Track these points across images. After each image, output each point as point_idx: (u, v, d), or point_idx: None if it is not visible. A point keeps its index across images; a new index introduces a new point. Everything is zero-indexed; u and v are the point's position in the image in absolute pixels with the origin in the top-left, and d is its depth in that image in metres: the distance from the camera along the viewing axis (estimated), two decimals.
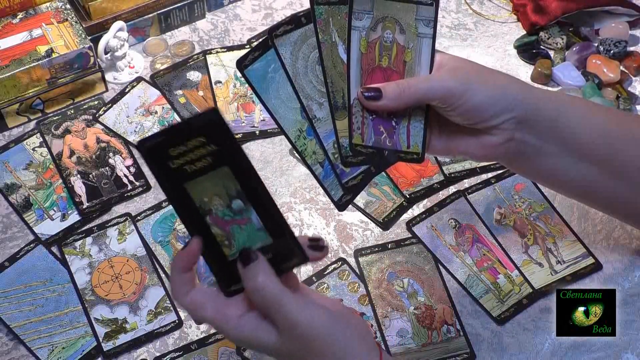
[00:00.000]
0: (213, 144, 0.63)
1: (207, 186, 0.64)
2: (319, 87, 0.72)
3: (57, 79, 1.04)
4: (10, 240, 0.94)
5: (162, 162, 0.63)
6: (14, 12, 1.07)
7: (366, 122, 0.73)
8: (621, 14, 1.14)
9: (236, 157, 0.64)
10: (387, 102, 0.72)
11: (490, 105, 0.72)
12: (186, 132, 0.62)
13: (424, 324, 0.87)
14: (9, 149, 1.02)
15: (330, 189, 0.74)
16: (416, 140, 0.74)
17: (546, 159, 0.77)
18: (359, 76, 0.73)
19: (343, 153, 0.73)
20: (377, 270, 0.91)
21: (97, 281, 0.90)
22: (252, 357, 0.84)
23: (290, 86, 0.72)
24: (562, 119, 0.76)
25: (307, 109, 0.72)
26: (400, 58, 0.73)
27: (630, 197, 0.80)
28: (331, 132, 0.73)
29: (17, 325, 0.87)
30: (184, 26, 1.17)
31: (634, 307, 0.87)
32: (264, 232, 0.66)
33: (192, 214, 0.65)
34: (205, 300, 0.67)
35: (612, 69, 1.07)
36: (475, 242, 0.93)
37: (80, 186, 0.98)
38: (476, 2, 1.21)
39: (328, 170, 0.73)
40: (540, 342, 0.86)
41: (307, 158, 0.73)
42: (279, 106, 0.71)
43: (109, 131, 1.04)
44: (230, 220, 0.65)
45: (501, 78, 0.75)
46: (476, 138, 0.75)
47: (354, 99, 0.73)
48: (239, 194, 0.65)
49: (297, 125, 0.72)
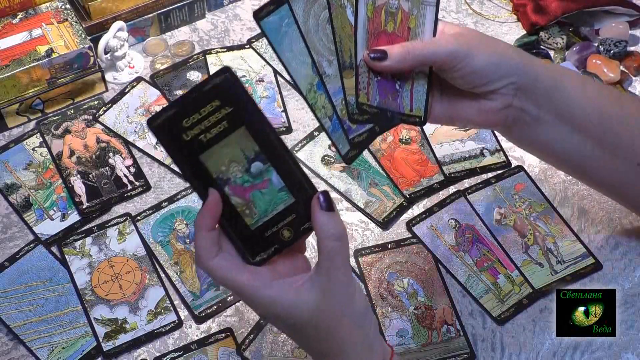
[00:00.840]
0: (227, 105, 0.62)
1: (223, 153, 0.63)
2: (328, 45, 0.74)
3: (57, 79, 1.04)
4: (10, 240, 0.94)
5: (175, 136, 0.61)
6: (14, 12, 1.07)
7: (371, 82, 0.75)
8: (621, 14, 1.14)
9: (252, 115, 0.62)
10: (391, 62, 0.73)
11: (491, 69, 0.74)
12: (199, 99, 0.61)
13: (424, 324, 0.87)
14: (9, 149, 1.02)
15: (338, 143, 0.75)
16: (419, 104, 0.76)
17: (542, 129, 0.79)
18: (366, 39, 0.74)
19: (350, 110, 0.75)
20: (377, 270, 0.91)
21: (97, 281, 0.90)
22: (252, 358, 0.84)
23: (302, 41, 0.72)
24: (559, 90, 0.78)
25: (318, 64, 0.73)
26: (405, 24, 0.75)
27: (624, 174, 0.81)
28: (339, 89, 0.74)
29: (17, 325, 0.87)
30: (184, 26, 1.17)
31: (634, 307, 0.87)
32: (285, 191, 0.65)
33: (210, 187, 0.63)
34: (235, 265, 0.65)
35: (612, 69, 1.07)
36: (475, 242, 0.93)
37: (80, 186, 0.98)
38: (476, 2, 1.21)
39: (336, 125, 0.75)
40: (540, 342, 0.86)
41: (316, 111, 0.74)
42: (292, 59, 0.72)
43: (109, 131, 1.04)
44: (250, 186, 0.64)
45: (502, 45, 0.77)
46: (476, 103, 0.77)
47: (360, 60, 0.74)
48: (257, 155, 0.63)
49: (308, 79, 0.73)
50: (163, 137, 0.61)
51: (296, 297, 0.64)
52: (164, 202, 0.97)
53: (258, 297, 0.64)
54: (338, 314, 0.65)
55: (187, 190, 0.98)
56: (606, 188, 0.87)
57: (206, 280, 0.90)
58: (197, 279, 0.90)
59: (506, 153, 1.02)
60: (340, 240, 0.64)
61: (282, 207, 0.65)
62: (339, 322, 0.65)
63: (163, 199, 0.97)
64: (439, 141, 1.02)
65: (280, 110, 1.06)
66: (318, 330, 0.65)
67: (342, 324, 0.66)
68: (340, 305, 0.65)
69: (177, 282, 0.90)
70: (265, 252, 0.65)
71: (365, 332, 0.68)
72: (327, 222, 0.64)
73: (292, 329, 0.67)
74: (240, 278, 0.64)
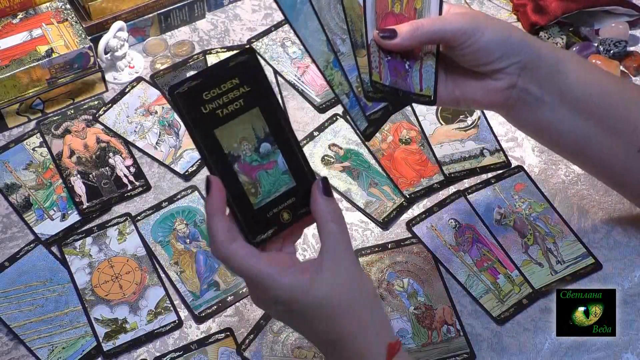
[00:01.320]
0: (246, 84, 0.63)
1: (237, 130, 0.64)
2: (341, 24, 0.75)
3: (57, 79, 1.04)
4: (10, 240, 0.94)
5: (194, 107, 0.62)
6: (14, 12, 1.07)
7: (382, 62, 0.76)
8: (621, 14, 1.14)
9: (267, 97, 0.64)
10: (400, 40, 0.74)
11: (496, 47, 0.75)
12: (221, 74, 0.63)
13: (424, 324, 0.87)
14: (9, 149, 1.02)
15: (357, 120, 0.77)
16: (428, 83, 0.77)
17: (544, 110, 0.79)
18: (374, 20, 0.75)
19: (365, 88, 0.76)
20: (377, 270, 0.91)
21: (97, 281, 0.90)
22: (252, 358, 0.84)
23: (316, 19, 0.74)
24: (562, 71, 0.79)
25: (332, 42, 0.74)
26: (411, 5, 0.76)
27: (623, 158, 0.82)
28: (354, 67, 0.75)
29: (17, 325, 0.87)
30: (184, 26, 1.17)
31: (634, 307, 0.87)
32: (288, 175, 0.67)
33: (221, 162, 0.64)
34: (252, 251, 0.65)
35: (612, 69, 1.07)
36: (475, 242, 0.93)
37: (80, 186, 0.98)
38: (476, 2, 1.21)
39: (353, 101, 0.76)
40: (540, 342, 0.86)
41: (334, 88, 0.75)
42: (308, 36, 0.74)
43: (109, 131, 1.04)
44: (257, 165, 0.65)
45: (507, 24, 0.79)
46: (481, 83, 0.78)
47: (371, 40, 0.75)
48: (266, 136, 0.65)
49: (324, 55, 0.75)
50: (183, 106, 0.63)
51: (311, 280, 0.65)
52: (164, 202, 0.97)
53: (276, 284, 0.65)
54: (349, 293, 0.67)
55: (187, 190, 0.98)
56: (605, 175, 0.87)
57: (206, 280, 0.90)
58: (197, 279, 0.90)
59: (506, 153, 1.02)
60: (339, 222, 0.67)
61: (283, 190, 0.67)
62: (351, 301, 0.67)
63: (163, 199, 0.97)
64: (438, 141, 1.02)
65: None
66: (332, 310, 0.66)
67: (355, 302, 0.67)
68: (350, 283, 0.67)
69: (177, 282, 0.90)
70: (265, 232, 0.66)
71: (377, 311, 0.69)
72: (327, 206, 0.67)
73: (304, 316, 0.67)
74: (258, 265, 0.65)
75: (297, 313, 0.67)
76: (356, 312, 0.67)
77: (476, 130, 1.03)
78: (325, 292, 0.65)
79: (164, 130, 1.04)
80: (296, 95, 1.08)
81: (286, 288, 0.65)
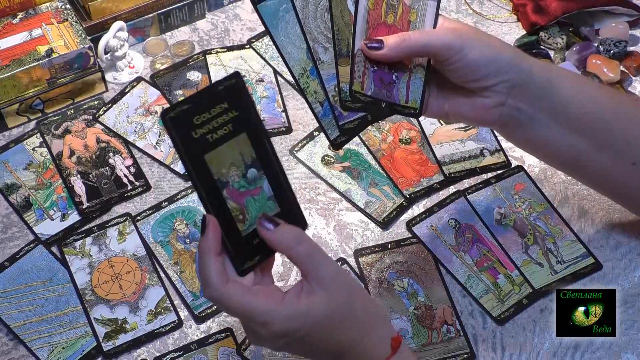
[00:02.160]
0: (234, 109, 0.63)
1: (226, 156, 0.64)
2: (326, 32, 0.75)
3: (57, 79, 1.04)
4: (10, 240, 0.94)
5: (186, 132, 0.62)
6: (14, 12, 1.07)
7: (367, 72, 0.76)
8: (621, 14, 1.14)
9: (254, 122, 0.64)
10: (387, 51, 0.74)
11: (485, 64, 0.75)
12: (211, 98, 0.62)
13: (424, 324, 0.87)
14: (9, 149, 1.02)
15: (327, 128, 0.77)
16: (415, 96, 0.77)
17: (537, 128, 0.79)
18: (365, 30, 0.75)
19: (342, 97, 0.76)
20: (377, 270, 0.91)
21: (97, 281, 0.90)
22: (252, 358, 0.84)
23: (299, 27, 0.74)
24: (554, 89, 0.78)
25: (313, 50, 0.75)
26: (405, 17, 0.75)
27: (619, 172, 0.82)
28: (333, 76, 0.75)
29: (17, 325, 0.87)
30: (184, 26, 1.17)
31: (634, 307, 0.87)
32: (273, 201, 0.66)
33: (211, 188, 0.64)
34: (247, 287, 0.65)
35: (612, 69, 1.07)
36: (475, 242, 0.93)
37: (80, 186, 0.98)
38: (476, 2, 1.21)
39: (327, 110, 0.76)
40: (540, 342, 0.86)
41: (308, 95, 0.76)
42: (286, 44, 0.74)
43: (109, 131, 1.04)
44: (245, 191, 0.65)
45: (497, 42, 0.78)
46: (469, 99, 0.78)
47: (358, 49, 0.75)
48: (253, 162, 0.65)
49: (302, 64, 0.75)
50: (175, 131, 0.62)
51: (307, 305, 0.64)
52: (164, 202, 0.97)
53: (275, 318, 0.64)
54: (345, 304, 0.66)
55: (187, 190, 0.98)
56: (603, 188, 0.87)
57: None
58: (197, 279, 0.90)
59: (506, 153, 1.02)
60: (302, 242, 0.65)
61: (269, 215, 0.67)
62: (349, 309, 0.66)
63: (163, 199, 0.97)
64: (439, 141, 1.02)
65: (280, 110, 1.06)
66: (333, 326, 0.66)
67: (352, 309, 0.67)
68: (342, 293, 0.66)
69: (177, 282, 0.90)
70: (252, 259, 0.66)
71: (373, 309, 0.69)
72: (282, 236, 0.65)
73: (306, 341, 0.66)
74: (255, 302, 0.64)
75: (300, 340, 0.66)
76: (356, 319, 0.67)
77: (476, 130, 1.03)
78: (323, 311, 0.65)
79: (164, 130, 1.04)
80: (296, 95, 1.08)
81: (285, 319, 0.64)
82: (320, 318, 0.65)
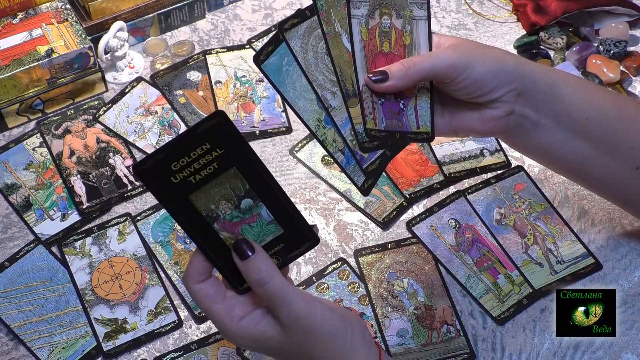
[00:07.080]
0: (218, 147, 0.62)
1: (213, 192, 0.63)
2: (330, 76, 0.74)
3: (57, 79, 1.04)
4: (10, 240, 0.94)
5: (162, 180, 0.62)
6: (14, 12, 1.07)
7: (376, 106, 0.75)
8: (621, 14, 1.14)
9: (243, 155, 0.63)
10: (394, 82, 0.73)
11: (490, 78, 0.74)
12: (189, 142, 0.61)
13: (424, 324, 0.87)
14: (9, 149, 1.02)
15: (353, 175, 0.75)
16: (424, 120, 0.76)
17: (543, 134, 0.79)
18: (364, 63, 0.74)
19: (360, 139, 0.75)
20: (377, 270, 0.91)
21: (97, 281, 0.90)
22: (251, 358, 0.84)
23: (304, 78, 0.73)
24: (557, 93, 0.78)
25: (322, 98, 0.74)
26: (400, 42, 0.75)
27: (624, 177, 0.81)
28: (347, 120, 0.74)
29: (17, 325, 0.87)
30: (184, 26, 1.17)
31: (634, 307, 0.87)
32: (274, 224, 0.66)
33: (198, 225, 0.64)
34: (216, 294, 0.66)
35: (612, 69, 1.07)
36: (475, 242, 0.93)
37: (80, 186, 0.98)
38: (476, 2, 1.21)
39: (349, 157, 0.75)
40: (540, 342, 0.86)
41: (328, 147, 0.74)
42: (297, 98, 0.73)
43: (109, 131, 1.04)
44: (240, 221, 0.65)
45: (498, 52, 0.77)
46: (478, 113, 0.77)
47: (363, 85, 0.74)
48: (247, 193, 0.64)
49: (315, 115, 0.74)
50: (150, 183, 0.62)
51: (263, 332, 0.66)
52: None
53: (225, 332, 0.67)
54: (301, 345, 0.66)
55: None
56: (606, 192, 0.87)
57: None
58: None
59: (506, 153, 1.02)
60: (267, 282, 0.64)
61: (270, 238, 0.67)
62: (305, 351, 0.67)
63: None
64: (439, 141, 1.02)
65: (280, 111, 1.06)
66: (285, 356, 0.68)
67: (310, 354, 0.67)
68: (301, 338, 0.66)
69: (177, 282, 0.90)
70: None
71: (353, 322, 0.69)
72: (251, 270, 0.65)
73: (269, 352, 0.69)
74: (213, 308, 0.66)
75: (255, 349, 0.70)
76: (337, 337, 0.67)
77: None
78: (274, 344, 0.67)
79: (164, 130, 1.04)
80: None
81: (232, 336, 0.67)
82: (270, 348, 0.67)
